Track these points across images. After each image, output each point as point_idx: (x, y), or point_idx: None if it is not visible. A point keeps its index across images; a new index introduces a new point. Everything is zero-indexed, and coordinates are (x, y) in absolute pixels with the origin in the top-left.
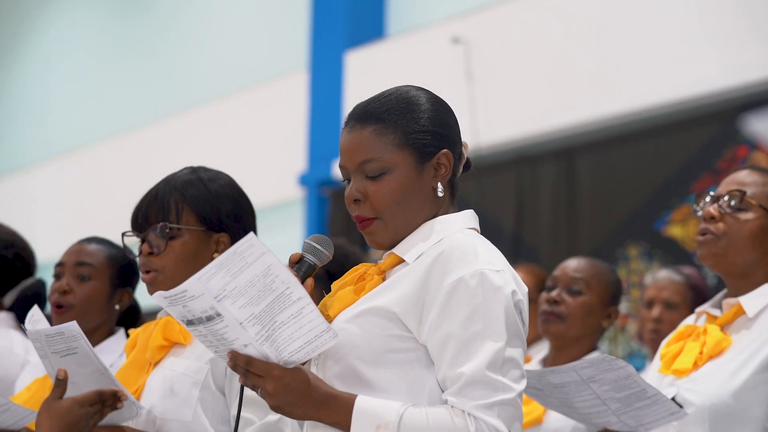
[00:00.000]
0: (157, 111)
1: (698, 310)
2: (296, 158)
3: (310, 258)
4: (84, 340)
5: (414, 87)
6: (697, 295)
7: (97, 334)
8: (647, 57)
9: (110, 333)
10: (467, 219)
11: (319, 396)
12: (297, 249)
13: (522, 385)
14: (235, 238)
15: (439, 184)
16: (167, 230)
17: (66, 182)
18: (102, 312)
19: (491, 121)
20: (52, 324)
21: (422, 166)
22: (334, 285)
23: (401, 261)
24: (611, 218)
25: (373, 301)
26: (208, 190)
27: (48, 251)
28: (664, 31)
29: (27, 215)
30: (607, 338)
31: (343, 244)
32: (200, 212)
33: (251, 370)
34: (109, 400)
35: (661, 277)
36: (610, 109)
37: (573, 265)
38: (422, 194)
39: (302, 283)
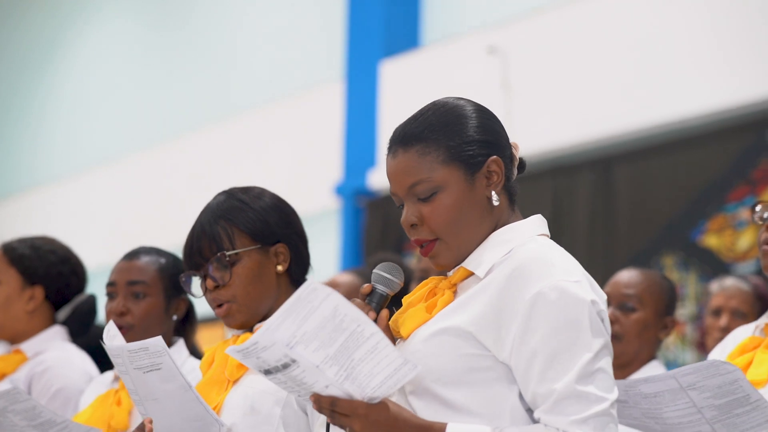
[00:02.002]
0: (194, 121)
1: (756, 323)
2: (332, 168)
3: (381, 288)
4: (169, 356)
5: (452, 98)
6: (764, 305)
7: None
8: (683, 67)
9: (169, 343)
10: (536, 225)
11: (407, 428)
12: (333, 259)
13: (615, 393)
14: (290, 244)
15: (493, 192)
16: (226, 259)
17: (103, 193)
18: (161, 325)
19: (527, 131)
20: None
21: (473, 178)
22: (405, 299)
23: (471, 273)
24: (647, 228)
25: (447, 320)
26: (251, 207)
27: (88, 261)
28: (700, 42)
29: (64, 226)
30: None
31: (394, 258)
32: (251, 231)
33: (337, 410)
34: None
35: (729, 285)
36: (647, 119)
37: (624, 280)
38: (479, 206)
39: (378, 314)
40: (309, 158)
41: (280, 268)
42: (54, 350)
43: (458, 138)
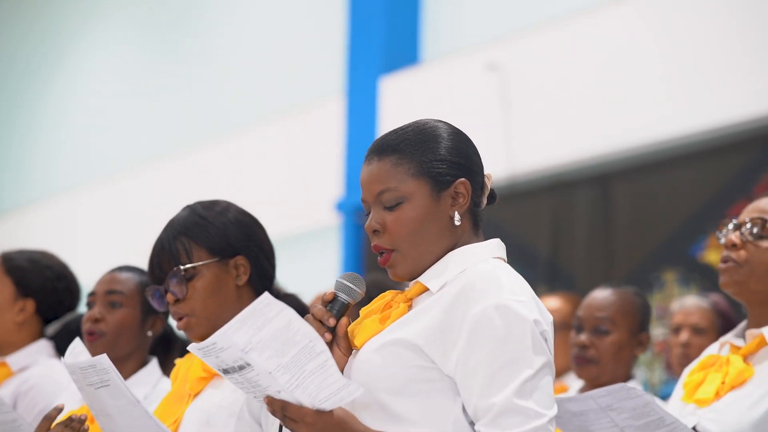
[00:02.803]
0: (193, 137)
1: (722, 340)
2: (332, 184)
3: (343, 297)
4: (115, 373)
5: (433, 119)
6: (724, 321)
7: (130, 362)
8: (683, 83)
9: (143, 361)
10: (492, 248)
11: None
12: (333, 275)
13: (553, 410)
14: (251, 257)
15: (456, 213)
16: (182, 273)
17: (100, 209)
18: (134, 339)
19: (526, 147)
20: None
21: (438, 195)
22: (362, 311)
23: (426, 289)
24: (647, 244)
25: (397, 332)
26: (209, 221)
27: (83, 278)
28: (700, 58)
29: (60, 242)
30: (643, 363)
31: (382, 279)
32: (209, 244)
33: (287, 415)
34: (75, 422)
35: (688, 303)
36: (646, 135)
37: (597, 302)
38: (439, 223)
39: (338, 321)
40: (309, 174)
41: (239, 281)
42: (39, 366)
43: (431, 155)
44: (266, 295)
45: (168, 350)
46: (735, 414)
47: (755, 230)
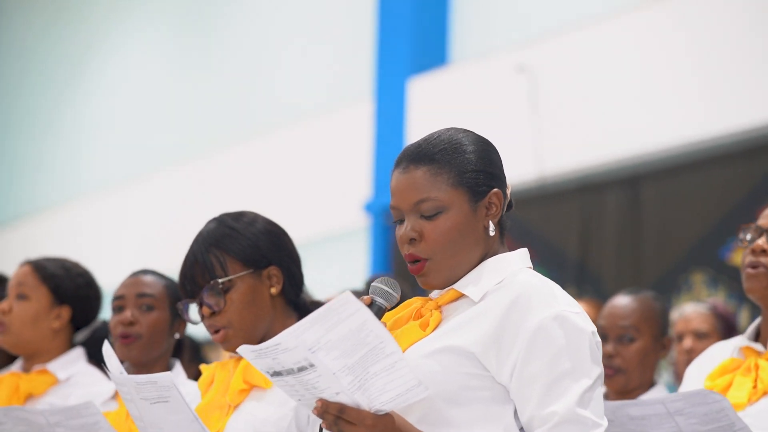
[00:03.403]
0: (222, 139)
1: (735, 344)
2: (361, 186)
3: (380, 301)
4: (178, 391)
5: (461, 128)
6: (724, 324)
7: (158, 365)
8: (713, 85)
9: (167, 364)
10: (524, 258)
11: None
12: (362, 276)
13: (606, 421)
14: (283, 266)
15: (490, 223)
16: (220, 286)
17: (130, 210)
18: (165, 341)
19: (556, 149)
20: (119, 357)
21: (476, 205)
22: (386, 318)
23: (460, 296)
24: (676, 246)
25: (448, 339)
26: (239, 232)
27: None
28: (730, 59)
29: (82, 246)
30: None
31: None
32: (242, 256)
33: (344, 418)
34: None
35: (688, 310)
36: (675, 137)
37: (619, 310)
38: (475, 233)
39: None
40: (338, 176)
41: (273, 290)
42: (85, 375)
43: (469, 165)
44: (347, 293)
45: (177, 354)
46: None
47: None
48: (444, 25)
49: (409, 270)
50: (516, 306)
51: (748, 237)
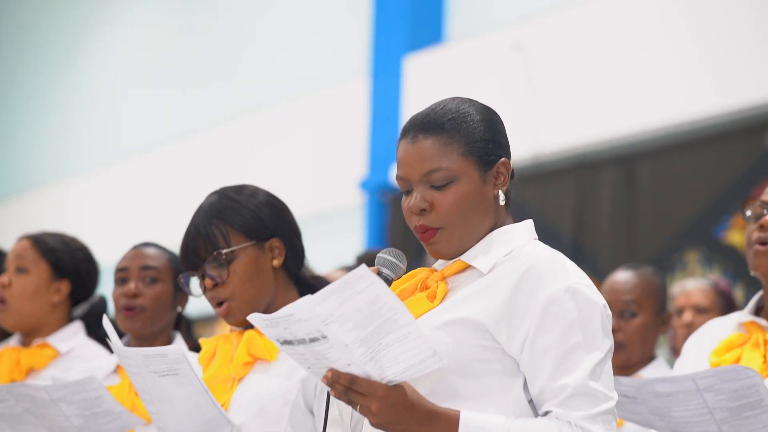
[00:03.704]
0: (219, 116)
1: (737, 319)
2: (357, 163)
3: (386, 272)
4: (188, 363)
5: (467, 98)
6: (724, 300)
7: (161, 338)
8: (709, 63)
9: (169, 337)
10: (530, 229)
11: (422, 414)
12: (357, 253)
13: (616, 394)
14: (285, 238)
15: (500, 192)
16: (223, 257)
17: (127, 188)
18: (167, 314)
19: (551, 127)
20: (117, 329)
21: (485, 174)
22: (394, 287)
23: (466, 268)
24: (671, 225)
25: (458, 311)
26: (242, 204)
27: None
28: (726, 38)
29: (78, 221)
30: None
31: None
32: (245, 228)
33: (355, 389)
34: None
35: (689, 285)
36: (671, 116)
37: (620, 285)
38: (485, 203)
39: None
40: (334, 153)
41: (275, 262)
42: (86, 348)
43: (478, 134)
44: (363, 267)
45: (177, 328)
46: None
47: None
48: (440, 2)
49: (419, 238)
50: (527, 278)
51: (753, 213)
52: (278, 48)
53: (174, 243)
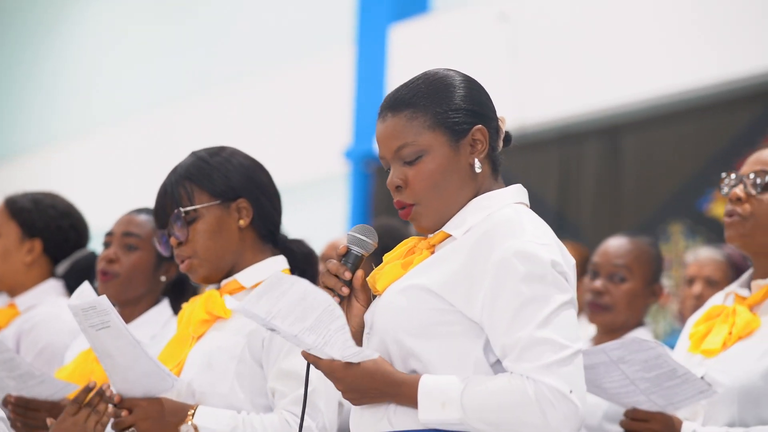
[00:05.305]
0: (203, 84)
1: (727, 290)
2: (341, 133)
3: (356, 249)
4: (115, 314)
5: (443, 68)
6: (737, 274)
7: (141, 304)
8: (692, 36)
9: (155, 303)
10: (515, 193)
11: (384, 384)
12: (342, 222)
13: (578, 343)
14: (252, 199)
15: (476, 160)
16: (183, 215)
17: (112, 153)
18: (147, 282)
19: (536, 98)
20: (98, 293)
21: (457, 145)
22: (385, 257)
23: (450, 236)
24: (655, 196)
25: (418, 277)
26: (212, 165)
27: (96, 221)
28: (709, 11)
29: (72, 185)
30: (648, 316)
31: (394, 225)
32: (210, 187)
33: (319, 369)
34: (95, 399)
35: (703, 255)
36: (655, 87)
37: (614, 249)
38: (460, 172)
39: (353, 274)
40: (318, 122)
41: (242, 222)
42: (44, 305)
43: (445, 105)
44: (276, 273)
45: (180, 295)
46: (744, 364)
47: (758, 182)
48: None
49: (400, 215)
50: (482, 240)
51: (727, 187)
52: (263, 15)
53: None
